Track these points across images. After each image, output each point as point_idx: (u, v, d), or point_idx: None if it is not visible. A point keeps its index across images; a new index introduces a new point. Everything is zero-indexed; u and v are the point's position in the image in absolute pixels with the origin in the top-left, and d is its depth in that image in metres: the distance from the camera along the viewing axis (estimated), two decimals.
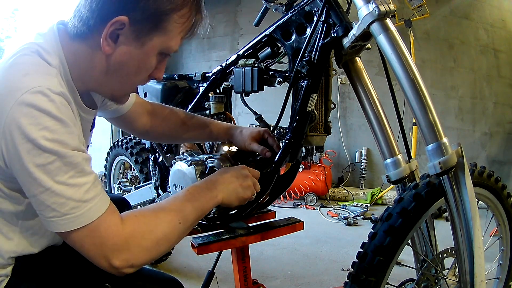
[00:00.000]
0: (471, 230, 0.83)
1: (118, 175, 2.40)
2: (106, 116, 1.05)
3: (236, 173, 0.86)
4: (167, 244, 0.69)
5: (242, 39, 4.54)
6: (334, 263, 2.18)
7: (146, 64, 0.71)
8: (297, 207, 3.51)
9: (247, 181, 0.86)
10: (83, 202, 0.60)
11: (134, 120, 1.09)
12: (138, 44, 0.68)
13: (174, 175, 1.18)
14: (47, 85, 0.60)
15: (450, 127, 3.88)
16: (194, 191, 0.79)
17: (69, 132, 0.61)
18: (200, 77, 1.43)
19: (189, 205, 0.75)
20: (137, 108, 1.08)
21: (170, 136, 1.18)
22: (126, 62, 0.69)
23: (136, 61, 0.69)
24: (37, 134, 0.57)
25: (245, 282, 1.17)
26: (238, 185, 0.84)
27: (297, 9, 1.06)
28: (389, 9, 0.86)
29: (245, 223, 1.15)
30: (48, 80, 0.62)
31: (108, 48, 0.67)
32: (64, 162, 0.59)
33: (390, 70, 0.92)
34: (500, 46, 3.97)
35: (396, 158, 0.97)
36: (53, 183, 0.58)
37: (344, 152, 4.08)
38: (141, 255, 0.65)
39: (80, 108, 0.76)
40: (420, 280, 0.98)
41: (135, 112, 1.07)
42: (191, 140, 1.23)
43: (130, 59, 0.69)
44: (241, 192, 0.85)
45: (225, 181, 0.84)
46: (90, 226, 0.61)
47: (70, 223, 0.60)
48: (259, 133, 1.11)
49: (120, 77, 0.72)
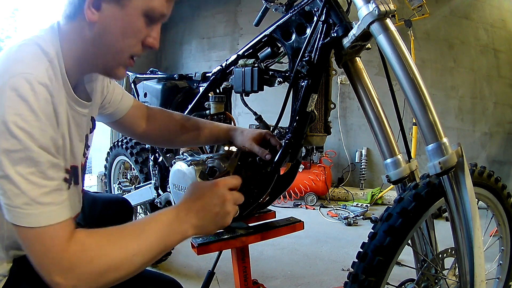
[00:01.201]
0: (471, 230, 0.83)
1: (118, 175, 2.40)
2: (105, 121, 1.05)
3: (212, 199, 0.73)
4: (115, 276, 0.63)
5: (242, 39, 4.54)
6: (334, 263, 2.18)
7: (131, 26, 0.70)
8: (297, 207, 3.51)
9: (226, 207, 0.73)
10: (37, 203, 0.59)
11: (133, 124, 1.08)
12: (119, 6, 0.68)
13: (174, 175, 1.18)
14: (34, 74, 0.62)
15: (450, 127, 3.88)
16: (161, 222, 0.69)
17: (41, 128, 0.61)
18: (200, 77, 1.43)
19: (152, 237, 0.67)
20: (135, 111, 1.08)
21: (169, 139, 1.18)
22: (110, 26, 0.69)
23: (120, 23, 0.69)
24: (10, 117, 0.58)
25: (245, 282, 1.17)
26: (215, 213, 0.73)
27: (297, 9, 1.06)
28: (389, 9, 0.86)
29: (245, 223, 1.15)
30: (37, 69, 0.63)
31: (92, 17, 0.68)
32: (28, 156, 0.59)
33: (390, 70, 0.91)
34: (500, 46, 3.97)
35: (396, 158, 0.97)
36: (13, 172, 0.58)
37: (344, 152, 4.08)
38: (85, 279, 0.61)
39: (72, 100, 0.76)
40: (420, 280, 0.98)
41: (133, 116, 1.07)
42: (191, 142, 1.20)
43: (114, 22, 0.69)
44: (220, 221, 0.73)
45: (199, 211, 0.72)
46: (38, 230, 0.59)
47: (20, 218, 0.59)
48: (260, 135, 1.10)
49: (108, 45, 0.71)
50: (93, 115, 0.92)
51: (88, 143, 0.91)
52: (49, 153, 0.62)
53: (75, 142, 0.80)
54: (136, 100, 1.10)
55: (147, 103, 1.61)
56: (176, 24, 5.06)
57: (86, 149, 0.90)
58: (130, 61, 0.75)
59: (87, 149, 0.90)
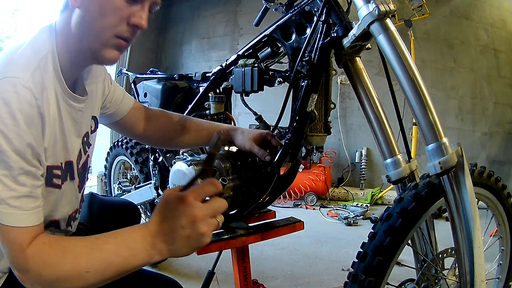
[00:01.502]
0: (471, 230, 0.83)
1: (118, 175, 2.40)
2: (106, 122, 1.05)
3: (180, 220, 0.60)
4: (68, 286, 0.61)
5: (242, 39, 4.55)
6: (334, 263, 2.18)
7: (109, 3, 0.69)
8: (297, 207, 3.50)
9: (198, 229, 0.60)
10: (5, 204, 0.61)
11: (134, 125, 1.09)
12: None
13: (174, 175, 1.18)
14: (20, 78, 0.64)
15: (450, 127, 3.88)
16: (125, 243, 0.62)
17: (17, 133, 0.62)
18: (200, 77, 1.43)
19: (111, 256, 0.61)
20: (136, 112, 1.08)
21: (169, 140, 1.18)
22: (90, 6, 0.70)
23: (97, 1, 0.69)
24: None
25: (245, 282, 1.17)
26: (186, 236, 0.61)
27: (297, 9, 1.06)
28: (389, 9, 0.86)
29: (245, 223, 1.15)
30: (23, 72, 0.65)
31: (75, 3, 0.70)
32: (1, 158, 0.60)
33: (390, 70, 0.91)
34: (500, 46, 3.97)
35: (396, 158, 0.97)
36: None
37: (344, 152, 4.08)
38: (40, 282, 0.62)
39: (67, 95, 0.77)
40: (420, 280, 0.98)
41: (134, 117, 1.08)
42: (191, 143, 1.19)
43: (92, 2, 0.70)
44: (194, 244, 0.62)
45: (167, 234, 0.62)
46: (3, 227, 0.62)
47: None
48: (261, 135, 1.10)
49: (89, 26, 0.71)
50: (94, 114, 0.92)
51: (89, 141, 0.91)
52: (24, 159, 0.63)
53: (70, 137, 0.80)
54: (136, 101, 1.10)
55: (147, 103, 1.62)
56: (176, 24, 5.06)
57: (87, 147, 0.90)
58: (119, 41, 0.73)
59: (87, 147, 0.90)
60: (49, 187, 0.75)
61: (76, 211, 0.91)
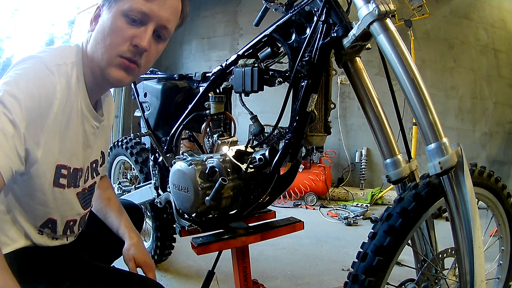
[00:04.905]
0: (471, 230, 0.82)
1: (118, 175, 2.40)
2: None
3: None
4: None
5: (242, 39, 4.55)
6: (334, 263, 2.18)
7: (113, 25, 0.78)
8: (297, 207, 3.50)
9: None
10: None
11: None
12: (108, 10, 0.79)
13: (174, 175, 1.18)
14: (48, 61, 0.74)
15: (450, 127, 3.88)
16: None
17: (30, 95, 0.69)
18: (200, 77, 1.43)
19: None
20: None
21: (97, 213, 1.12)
22: (99, 28, 0.80)
23: (104, 23, 0.79)
24: (10, 72, 0.71)
25: (245, 282, 1.17)
26: None
27: (297, 9, 1.06)
28: (389, 9, 0.86)
29: (245, 223, 1.15)
30: (52, 59, 0.76)
31: (90, 27, 0.82)
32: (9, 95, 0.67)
33: (390, 70, 0.91)
34: (500, 46, 3.97)
35: (396, 158, 0.97)
36: None
37: (344, 152, 4.08)
38: None
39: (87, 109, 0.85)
40: (420, 280, 0.98)
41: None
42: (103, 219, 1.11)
43: (102, 25, 0.80)
44: None
45: None
46: None
47: None
48: (140, 263, 0.97)
49: (96, 44, 0.80)
50: (103, 150, 0.99)
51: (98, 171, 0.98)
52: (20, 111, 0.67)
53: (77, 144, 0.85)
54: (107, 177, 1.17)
55: (147, 103, 1.61)
56: None
57: (95, 174, 0.96)
58: (122, 60, 0.79)
59: (95, 174, 0.96)
60: (56, 187, 0.81)
61: (75, 221, 0.92)
